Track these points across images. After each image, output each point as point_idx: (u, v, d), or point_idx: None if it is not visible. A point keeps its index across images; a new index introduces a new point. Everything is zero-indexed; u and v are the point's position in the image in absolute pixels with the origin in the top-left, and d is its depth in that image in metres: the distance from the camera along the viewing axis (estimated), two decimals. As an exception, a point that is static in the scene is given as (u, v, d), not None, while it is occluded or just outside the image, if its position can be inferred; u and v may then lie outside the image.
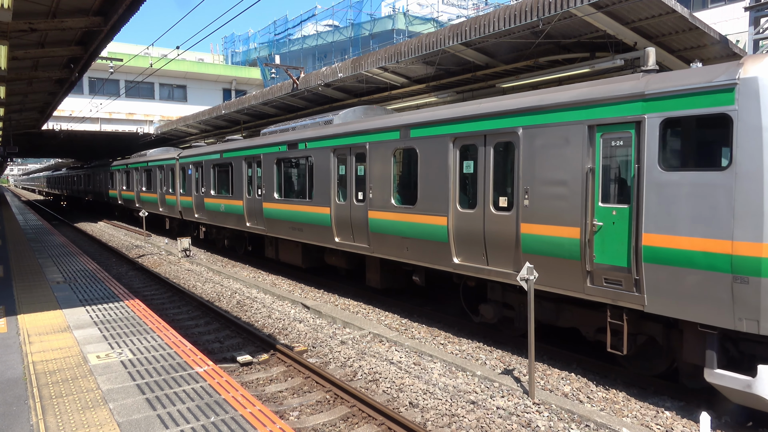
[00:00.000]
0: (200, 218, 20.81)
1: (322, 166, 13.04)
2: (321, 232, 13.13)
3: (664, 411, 7.01)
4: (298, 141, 14.01)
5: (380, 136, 11.22)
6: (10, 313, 8.40)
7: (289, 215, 14.42)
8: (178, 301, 13.64)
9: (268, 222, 15.57)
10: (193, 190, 21.12)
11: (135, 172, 29.50)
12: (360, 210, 11.86)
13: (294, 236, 14.36)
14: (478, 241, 9.12)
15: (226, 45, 57.50)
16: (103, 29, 9.22)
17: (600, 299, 7.43)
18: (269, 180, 15.39)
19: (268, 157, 15.47)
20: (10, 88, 13.86)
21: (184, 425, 4.66)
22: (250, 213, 16.68)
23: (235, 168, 17.57)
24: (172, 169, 23.71)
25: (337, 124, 12.96)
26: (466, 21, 11.36)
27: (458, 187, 9.56)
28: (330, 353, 9.52)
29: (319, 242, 13.37)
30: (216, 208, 19.04)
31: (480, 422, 6.76)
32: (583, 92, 7.57)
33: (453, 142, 9.55)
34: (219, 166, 19.01)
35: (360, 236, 11.91)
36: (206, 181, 19.83)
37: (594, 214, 7.38)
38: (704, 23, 10.08)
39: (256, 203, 16.21)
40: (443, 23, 38.30)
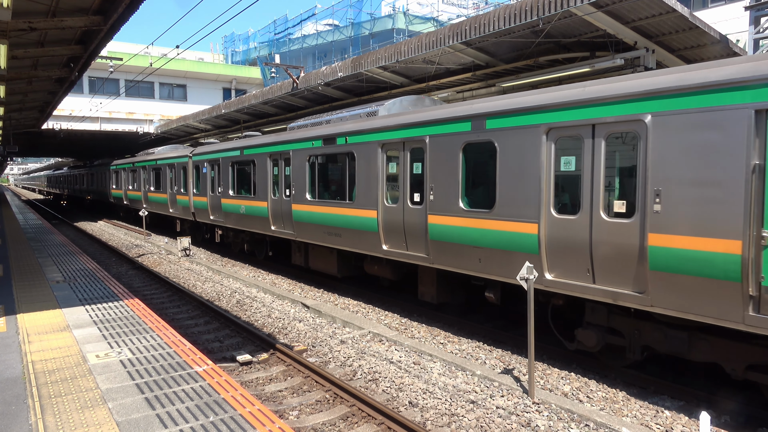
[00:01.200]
0: (216, 220, 19.22)
1: (366, 163, 11.51)
2: (364, 238, 11.68)
3: (664, 410, 7.01)
4: (336, 135, 12.41)
5: (444, 128, 9.66)
6: (9, 312, 8.40)
7: (324, 219, 12.91)
8: (178, 301, 13.64)
9: (297, 226, 14.03)
10: (209, 190, 19.58)
11: (142, 170, 28.05)
12: (416, 214, 10.36)
13: (329, 242, 12.86)
14: (582, 254, 7.55)
15: (226, 44, 57.50)
16: (103, 28, 9.22)
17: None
18: (300, 179, 13.85)
19: (299, 154, 13.87)
20: (9, 87, 13.86)
21: (183, 425, 4.65)
22: (275, 216, 15.19)
23: (259, 166, 16.00)
24: (185, 168, 22.01)
25: (383, 115, 11.46)
26: (466, 20, 11.35)
27: (552, 188, 7.96)
28: (330, 352, 9.52)
29: (361, 249, 11.90)
30: (235, 210, 17.46)
31: (480, 422, 6.75)
32: (746, 68, 6.00)
33: (547, 133, 7.96)
34: (239, 163, 17.45)
35: (415, 244, 10.43)
36: (224, 180, 18.23)
37: (764, 224, 5.90)
38: (704, 22, 10.08)
39: (283, 205, 14.69)
40: (443, 22, 38.29)
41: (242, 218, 17.09)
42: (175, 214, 23.77)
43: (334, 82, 16.15)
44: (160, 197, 25.38)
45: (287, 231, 14.62)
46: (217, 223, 19.21)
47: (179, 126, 28.87)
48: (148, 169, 27.06)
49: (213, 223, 19.61)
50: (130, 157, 31.60)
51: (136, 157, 29.91)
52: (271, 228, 15.42)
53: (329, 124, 13.38)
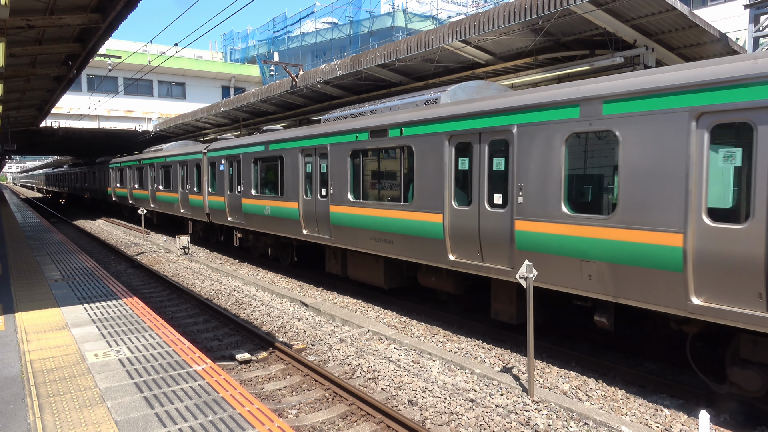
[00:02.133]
0: (235, 222, 17.65)
1: (428, 158, 10.01)
2: (424, 246, 10.15)
3: (663, 409, 7.01)
4: (388, 126, 10.91)
5: (539, 115, 8.04)
6: (7, 311, 8.38)
7: (370, 223, 11.42)
8: (177, 299, 13.62)
9: (336, 230, 12.50)
10: (227, 189, 18.03)
11: (150, 168, 26.38)
12: (497, 219, 8.75)
13: (376, 249, 11.38)
14: (742, 274, 6.02)
15: (224, 42, 57.41)
16: (101, 26, 9.19)
17: None
18: (340, 177, 12.33)
19: (339, 149, 12.35)
20: (7, 85, 13.83)
21: (182, 423, 4.64)
22: (308, 218, 13.63)
23: (288, 162, 14.38)
24: (198, 165, 20.41)
25: (447, 103, 9.99)
26: (465, 18, 11.34)
27: (704, 187, 6.32)
28: (329, 351, 9.51)
29: (418, 259, 10.39)
30: (258, 211, 15.92)
31: (479, 420, 6.75)
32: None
33: (697, 120, 6.33)
34: (263, 160, 15.80)
35: (495, 254, 8.85)
36: (245, 178, 16.64)
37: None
38: (704, 21, 10.07)
39: (318, 206, 13.19)
40: (442, 20, 38.24)
41: (267, 220, 15.59)
42: (186, 215, 22.22)
43: (333, 81, 16.12)
44: (169, 197, 23.85)
45: (323, 236, 13.12)
46: (237, 225, 17.66)
47: (178, 124, 28.83)
48: (156, 166, 25.46)
49: (231, 225, 18.03)
50: (137, 154, 30.22)
51: (143, 153, 28.53)
52: (302, 232, 13.88)
53: (375, 114, 11.84)
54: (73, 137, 36.31)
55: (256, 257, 18.42)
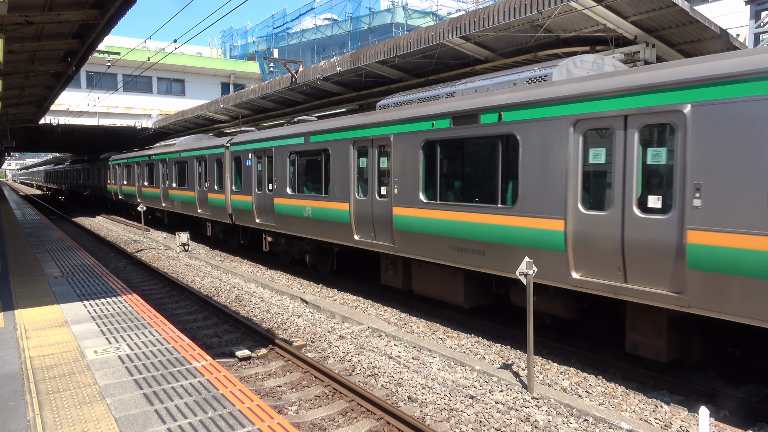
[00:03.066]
0: (265, 224, 15.77)
1: (542, 149, 8.03)
2: (535, 259, 8.10)
3: (663, 405, 7.01)
4: (479, 110, 8.96)
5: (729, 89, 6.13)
6: (7, 308, 8.37)
7: (452, 229, 9.51)
8: (177, 296, 13.62)
9: (402, 237, 10.62)
10: (254, 187, 16.13)
11: (161, 164, 24.47)
12: (654, 228, 6.82)
13: (459, 261, 9.47)
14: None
15: (224, 39, 57.30)
16: (100, 22, 9.16)
17: None
18: (408, 173, 10.46)
19: (407, 140, 10.45)
20: (6, 81, 13.79)
21: (181, 420, 4.64)
22: (362, 222, 11.71)
23: (336, 157, 12.44)
24: (219, 160, 18.52)
25: (562, 80, 8.08)
26: (465, 14, 11.31)
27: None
28: (329, 348, 9.51)
29: None
30: (295, 213, 14.05)
31: (479, 416, 6.75)
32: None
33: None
34: (303, 154, 13.89)
35: (650, 273, 6.90)
36: (279, 175, 14.77)
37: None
38: (704, 17, 10.04)
39: (378, 208, 11.28)
40: (442, 17, 38.17)
41: (306, 223, 13.66)
42: (204, 215, 20.19)
43: (332, 77, 16.09)
44: (185, 195, 21.81)
45: (382, 242, 11.26)
46: (267, 227, 15.70)
47: (177, 121, 28.80)
48: (169, 162, 23.51)
49: (260, 227, 16.09)
50: (146, 149, 28.52)
51: (153, 149, 26.83)
52: (353, 237, 11.95)
53: (456, 97, 9.93)
54: (73, 134, 36.27)
55: (286, 264, 16.64)
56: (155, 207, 26.27)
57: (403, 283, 11.55)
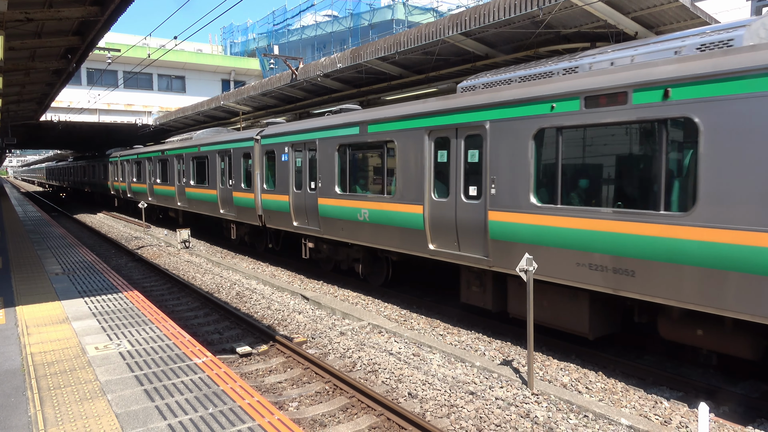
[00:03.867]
0: (305, 228, 13.93)
1: (734, 137, 6.09)
2: (719, 282, 6.22)
3: (663, 401, 7.03)
4: (631, 87, 7.00)
5: None
6: (8, 304, 8.39)
7: (580, 241, 7.62)
8: (178, 293, 13.64)
9: (500, 248, 8.74)
10: (292, 185, 14.39)
11: (176, 160, 22.57)
12: None
13: (587, 280, 7.62)
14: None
15: (224, 35, 57.27)
16: (100, 19, 9.15)
17: None
18: (514, 169, 8.46)
19: (511, 126, 8.46)
20: (7, 78, 13.79)
21: (182, 416, 4.66)
22: (441, 228, 9.90)
23: (403, 149, 10.59)
24: (248, 155, 16.66)
25: (752, 46, 6.10)
26: (465, 11, 11.29)
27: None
28: (329, 344, 9.53)
29: (700, 303, 6.43)
30: (345, 215, 12.27)
31: (479, 412, 6.77)
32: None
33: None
34: (357, 147, 12.08)
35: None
36: (325, 171, 12.97)
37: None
38: (706, 13, 10.02)
39: (463, 212, 9.40)
40: (443, 13, 38.09)
41: (361, 228, 11.89)
42: (228, 216, 18.24)
43: (333, 74, 16.08)
44: (204, 194, 19.84)
45: (470, 254, 9.37)
46: (307, 232, 13.91)
47: (178, 118, 28.80)
48: (185, 158, 21.58)
49: (298, 232, 14.36)
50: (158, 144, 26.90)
51: (166, 143, 25.05)
52: (428, 247, 10.12)
53: (579, 73, 7.99)
54: (74, 131, 36.29)
55: (327, 272, 14.82)
56: (169, 206, 24.50)
57: (493, 304, 9.57)
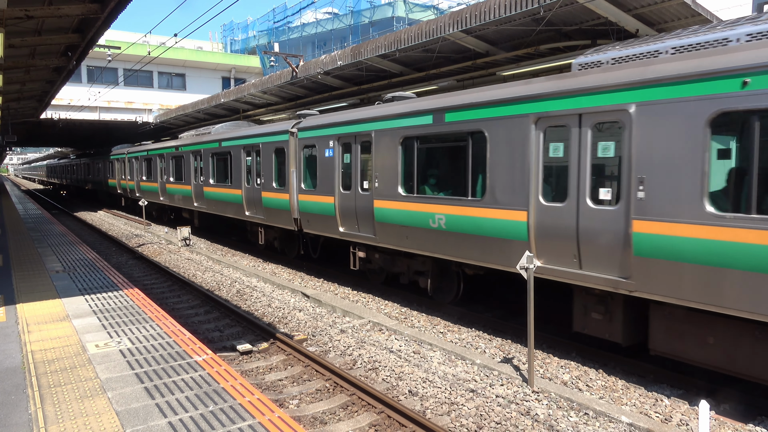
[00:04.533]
0: (355, 235, 12.18)
1: None
2: None
3: (663, 399, 7.02)
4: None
5: None
6: (9, 302, 8.40)
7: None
8: (178, 290, 13.64)
9: (647, 266, 6.88)
10: (338, 185, 12.60)
11: (193, 157, 20.96)
12: None
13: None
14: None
15: (224, 33, 57.20)
16: (100, 16, 9.13)
17: None
18: (684, 166, 6.48)
19: (677, 110, 6.54)
20: (7, 76, 13.78)
21: (182, 414, 4.66)
22: (553, 238, 7.98)
23: (497, 141, 8.71)
24: (281, 150, 14.92)
25: None
26: (466, 8, 11.26)
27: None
28: (330, 342, 9.53)
29: None
30: (414, 221, 10.37)
31: (479, 410, 6.77)
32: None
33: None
34: (428, 139, 10.28)
35: None
36: (383, 169, 11.12)
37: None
38: (707, 10, 10.00)
39: (594, 220, 7.41)
40: (443, 10, 38.02)
41: (434, 237, 10.00)
42: (256, 218, 16.47)
43: (333, 71, 16.06)
44: (226, 194, 18.14)
45: (599, 273, 7.43)
46: (358, 239, 12.12)
47: (178, 115, 28.79)
48: (204, 154, 19.90)
49: (346, 238, 12.54)
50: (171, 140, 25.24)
51: (180, 139, 23.23)
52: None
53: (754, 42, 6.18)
54: (74, 129, 36.27)
55: (377, 284, 12.96)
56: (184, 207, 22.90)
57: (624, 335, 7.65)
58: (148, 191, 26.90)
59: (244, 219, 17.31)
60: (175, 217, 27.00)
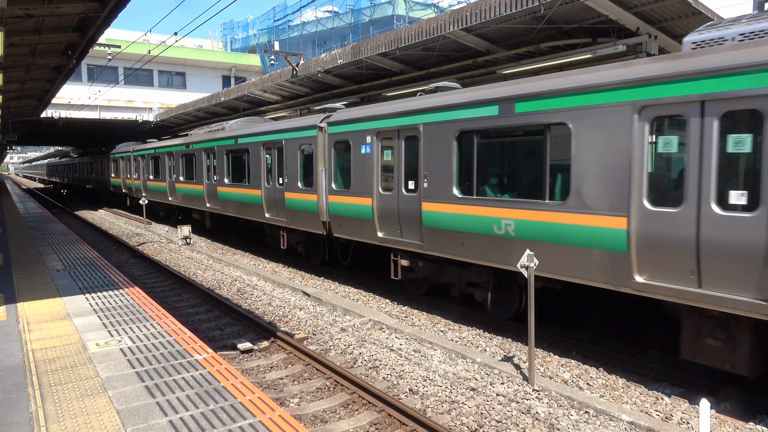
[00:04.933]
0: (397, 241, 10.89)
1: None
2: None
3: (664, 397, 7.02)
4: None
5: None
6: (9, 300, 8.40)
7: None
8: (179, 289, 13.65)
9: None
10: (377, 185, 11.33)
11: (205, 155, 19.82)
12: None
13: None
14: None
15: (225, 31, 57.18)
16: (100, 15, 9.13)
17: None
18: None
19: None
20: (7, 75, 13.78)
21: (183, 413, 4.66)
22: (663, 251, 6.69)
23: (583, 135, 7.52)
24: (308, 147, 13.67)
25: None
26: (466, 6, 11.24)
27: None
28: (330, 340, 9.53)
29: None
30: (476, 227, 9.05)
31: (480, 409, 6.77)
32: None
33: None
34: (492, 133, 8.94)
35: None
36: (434, 167, 9.82)
37: None
38: (708, 8, 9.98)
39: (722, 231, 6.13)
40: (444, 9, 38.00)
41: (501, 245, 8.69)
42: (278, 221, 15.27)
43: (333, 70, 16.04)
44: (244, 194, 17.03)
45: (730, 293, 6.12)
46: (401, 246, 10.85)
47: (179, 114, 28.77)
48: (218, 152, 18.79)
49: (386, 244, 11.30)
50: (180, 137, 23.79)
51: (191, 135, 22.12)
52: (632, 277, 7.01)
53: None
54: (74, 127, 36.23)
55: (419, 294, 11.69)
56: (194, 208, 21.86)
57: (750, 367, 6.42)
58: (156, 191, 25.83)
59: (264, 222, 16.21)
60: (184, 219, 25.77)
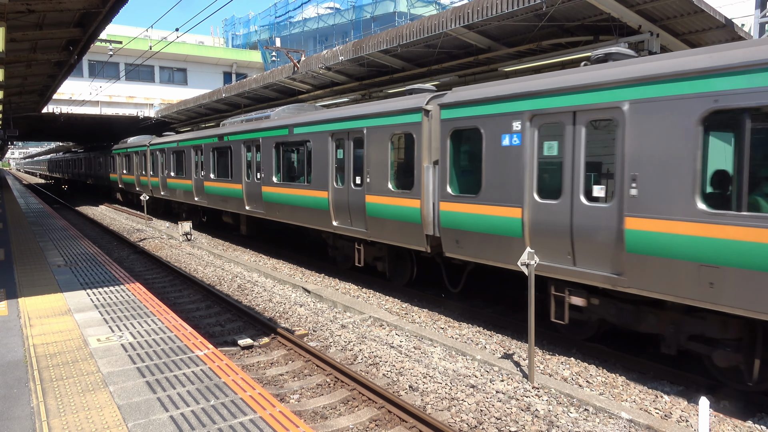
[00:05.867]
0: (564, 267, 7.83)
1: None
2: None
3: (663, 395, 7.04)
4: None
5: None
6: (11, 296, 8.42)
7: None
8: (179, 285, 13.67)
9: None
10: (532, 189, 8.27)
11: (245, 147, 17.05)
12: None
13: None
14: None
15: (226, 28, 57.08)
16: (102, 10, 9.12)
17: None
18: None
19: None
20: (9, 70, 13.77)
21: (184, 408, 4.68)
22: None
23: None
24: (402, 138, 10.98)
25: None
26: (468, 3, 11.23)
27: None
28: (330, 337, 9.55)
29: None
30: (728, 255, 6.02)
31: (479, 406, 6.79)
32: None
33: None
34: None
35: None
36: (650, 166, 6.65)
37: None
38: (710, 6, 9.96)
39: None
40: (445, 6, 37.92)
41: None
42: (352, 232, 12.29)
43: (335, 66, 16.02)
44: (300, 197, 14.07)
45: None
46: (575, 277, 7.74)
47: (180, 110, 28.76)
48: (264, 145, 15.80)
49: (545, 273, 8.13)
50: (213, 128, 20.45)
51: (225, 126, 18.83)
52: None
53: None
54: (75, 123, 36.27)
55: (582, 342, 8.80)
56: (230, 210, 18.62)
57: None
58: (178, 189, 22.82)
59: (330, 231, 13.30)
60: (209, 221, 22.97)
